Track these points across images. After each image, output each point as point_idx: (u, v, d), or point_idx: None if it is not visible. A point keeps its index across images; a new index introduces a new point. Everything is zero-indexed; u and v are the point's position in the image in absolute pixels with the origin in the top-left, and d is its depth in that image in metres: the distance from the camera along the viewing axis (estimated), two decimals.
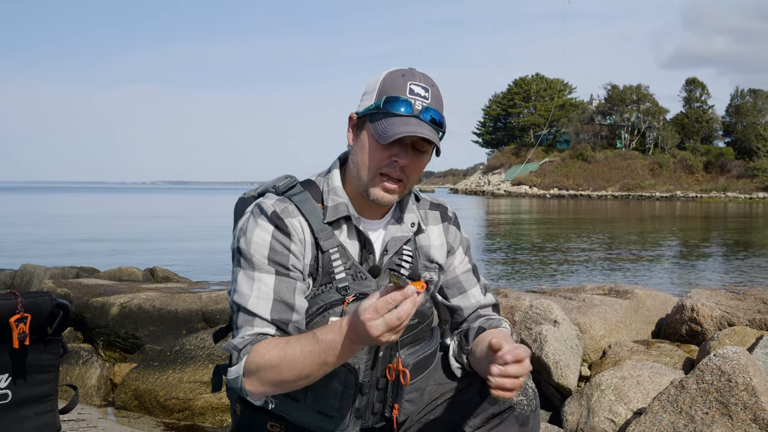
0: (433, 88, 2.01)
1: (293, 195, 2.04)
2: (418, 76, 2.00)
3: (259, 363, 1.84)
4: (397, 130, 1.92)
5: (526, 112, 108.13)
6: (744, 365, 3.24)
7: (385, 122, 1.94)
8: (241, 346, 1.89)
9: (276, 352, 1.82)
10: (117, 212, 47.53)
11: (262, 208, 2.00)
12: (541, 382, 4.23)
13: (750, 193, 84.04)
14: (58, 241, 21.61)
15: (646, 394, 3.70)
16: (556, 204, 66.06)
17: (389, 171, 1.98)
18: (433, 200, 2.28)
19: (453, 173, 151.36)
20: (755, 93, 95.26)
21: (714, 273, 15.15)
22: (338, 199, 2.05)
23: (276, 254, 1.96)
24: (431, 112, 1.97)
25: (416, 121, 1.94)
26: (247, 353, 1.87)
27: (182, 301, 5.53)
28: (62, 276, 8.64)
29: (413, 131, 1.91)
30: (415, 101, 1.96)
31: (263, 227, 1.97)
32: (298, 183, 2.09)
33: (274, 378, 1.84)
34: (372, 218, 2.10)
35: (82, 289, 6.02)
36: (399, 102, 1.95)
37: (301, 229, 2.00)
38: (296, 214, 2.01)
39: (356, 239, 2.06)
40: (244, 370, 1.87)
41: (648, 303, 5.43)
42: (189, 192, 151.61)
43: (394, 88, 1.97)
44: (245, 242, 1.97)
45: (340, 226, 2.05)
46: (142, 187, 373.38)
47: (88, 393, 4.65)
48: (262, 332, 1.91)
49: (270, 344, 1.86)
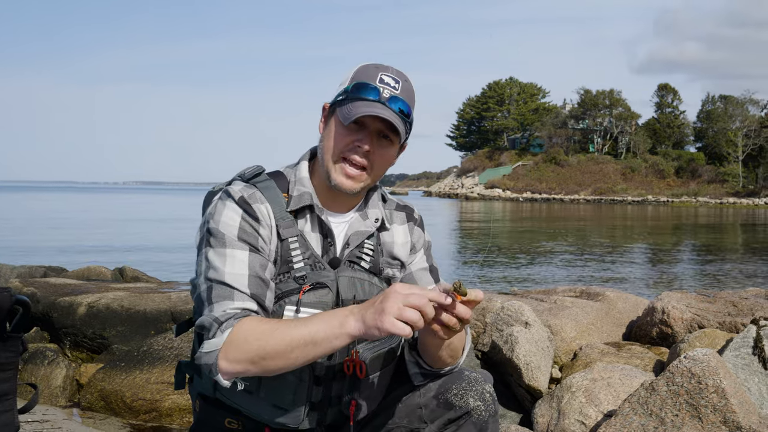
0: (404, 83, 2.02)
1: (258, 182, 2.03)
2: (392, 69, 2.02)
3: (247, 336, 1.79)
4: (359, 110, 1.93)
5: (500, 116, 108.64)
6: (714, 367, 3.24)
7: (350, 105, 1.95)
8: (224, 318, 1.84)
9: (266, 327, 1.79)
10: (87, 212, 47.05)
11: (229, 193, 1.99)
12: (511, 384, 4.22)
13: (720, 198, 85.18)
14: (25, 241, 21.35)
15: (617, 396, 3.70)
16: (528, 207, 66.40)
17: (352, 155, 1.98)
18: (400, 202, 2.28)
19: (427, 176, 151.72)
20: (726, 99, 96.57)
21: (684, 276, 15.30)
22: (303, 189, 2.05)
23: (245, 234, 1.94)
24: (399, 103, 1.98)
25: (382, 107, 1.95)
26: (230, 327, 1.82)
27: (151, 300, 5.45)
28: (29, 275, 8.50)
29: (376, 112, 1.92)
30: (384, 89, 1.97)
31: (232, 208, 1.96)
32: (264, 172, 2.09)
33: (257, 352, 1.78)
34: (337, 211, 2.10)
35: (49, 288, 5.91)
36: (367, 88, 1.96)
37: (268, 214, 1.99)
38: (263, 200, 2.00)
39: (318, 231, 2.05)
40: (224, 343, 1.81)
41: (619, 305, 5.44)
42: (162, 192, 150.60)
43: (365, 76, 1.99)
44: (215, 222, 1.95)
45: (304, 216, 2.04)
46: (114, 187, 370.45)
47: (54, 393, 4.57)
48: (246, 307, 1.87)
49: (257, 319, 1.83)
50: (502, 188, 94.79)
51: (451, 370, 2.09)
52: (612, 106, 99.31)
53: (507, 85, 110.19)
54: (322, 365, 1.97)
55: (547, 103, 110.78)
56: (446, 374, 2.08)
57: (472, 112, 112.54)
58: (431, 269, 2.25)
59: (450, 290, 1.73)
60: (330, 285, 1.98)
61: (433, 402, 2.05)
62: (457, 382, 2.05)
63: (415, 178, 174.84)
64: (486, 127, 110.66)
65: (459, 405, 2.01)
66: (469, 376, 2.07)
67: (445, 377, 2.08)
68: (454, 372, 2.09)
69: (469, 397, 2.02)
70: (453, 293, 1.74)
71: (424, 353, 2.04)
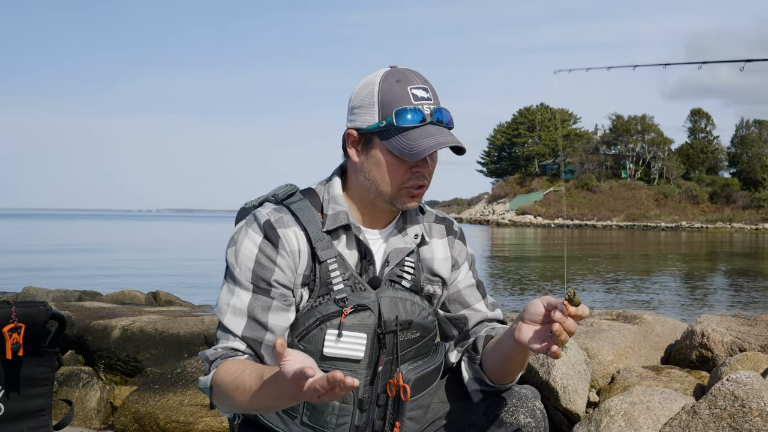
0: (428, 84, 1.95)
1: (292, 203, 1.97)
2: (412, 77, 1.93)
3: (218, 382, 1.81)
4: (422, 144, 1.85)
5: (531, 142, 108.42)
6: (758, 390, 3.16)
7: (402, 138, 1.87)
8: (213, 357, 1.87)
9: (232, 379, 1.77)
10: (121, 239, 47.55)
11: (256, 217, 1.95)
12: (548, 407, 4.15)
13: (756, 224, 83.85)
14: (61, 266, 21.60)
15: (657, 420, 3.61)
16: (560, 233, 65.93)
17: (416, 182, 1.93)
18: (439, 214, 2.21)
19: (458, 202, 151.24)
20: (760, 124, 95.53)
21: (722, 300, 15.06)
22: (338, 207, 1.98)
23: (260, 268, 1.90)
24: (442, 113, 1.91)
25: (434, 129, 1.88)
26: (216, 367, 1.84)
27: (184, 324, 5.46)
28: (64, 299, 8.57)
29: (439, 142, 1.85)
30: (423, 106, 1.89)
31: (252, 238, 1.92)
32: (297, 191, 2.02)
33: (230, 404, 1.81)
34: (374, 227, 2.04)
35: (83, 311, 5.95)
36: (410, 113, 1.87)
37: (296, 239, 1.93)
38: (291, 223, 1.94)
39: (356, 249, 1.98)
40: (211, 382, 1.83)
41: (657, 329, 5.35)
42: (195, 220, 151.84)
43: (397, 98, 1.89)
44: (233, 253, 1.93)
45: (339, 235, 1.98)
46: (148, 214, 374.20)
47: (88, 416, 4.57)
48: (234, 347, 1.89)
49: (231, 367, 1.81)
50: (534, 214, 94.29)
51: (510, 386, 2.04)
52: (644, 131, 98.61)
53: (538, 111, 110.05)
54: (366, 388, 1.93)
55: (579, 129, 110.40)
56: (505, 390, 2.03)
57: (503, 138, 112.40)
58: (478, 285, 2.19)
59: (562, 302, 1.68)
60: (372, 307, 1.93)
61: (482, 419, 2.00)
62: (507, 399, 2.01)
63: (446, 205, 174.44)
64: (517, 153, 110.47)
65: (510, 422, 1.97)
66: (519, 393, 2.02)
67: (494, 395, 2.03)
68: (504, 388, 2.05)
69: (520, 414, 1.98)
70: (565, 304, 1.69)
71: (496, 370, 1.99)
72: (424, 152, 1.84)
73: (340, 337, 1.89)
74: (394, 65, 1.96)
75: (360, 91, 1.94)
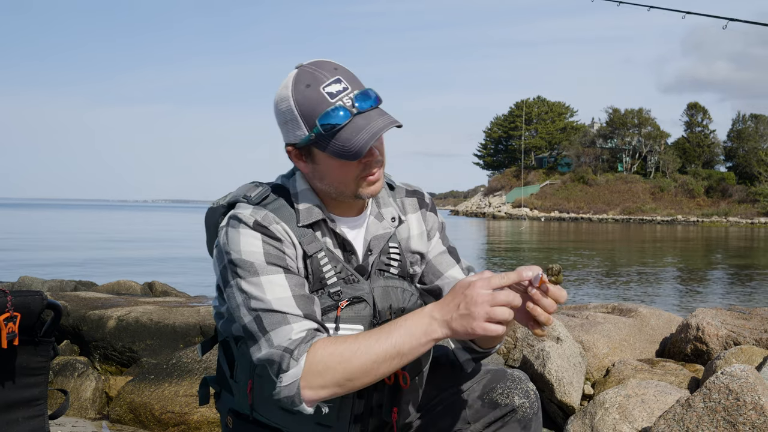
0: (339, 71, 1.85)
1: (268, 204, 1.92)
2: (320, 75, 1.83)
3: (326, 360, 1.71)
4: (358, 142, 1.79)
5: (528, 135, 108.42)
6: (752, 384, 3.17)
7: (337, 142, 1.80)
8: (293, 347, 1.73)
9: (345, 347, 1.71)
10: (117, 228, 47.49)
11: (240, 219, 1.86)
12: (543, 400, 4.16)
13: (751, 218, 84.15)
14: (57, 256, 21.58)
15: (651, 412, 3.63)
16: (556, 226, 66.03)
17: (369, 170, 1.88)
18: (407, 186, 2.16)
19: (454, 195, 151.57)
20: (757, 118, 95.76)
21: (717, 294, 15.10)
22: (309, 202, 1.94)
23: (273, 257, 1.83)
24: (362, 98, 1.83)
25: (363, 120, 1.81)
26: (303, 353, 1.72)
27: (180, 314, 5.46)
28: (60, 289, 8.58)
29: (372, 133, 1.79)
30: (343, 98, 1.81)
31: (249, 234, 1.84)
32: (270, 192, 1.96)
33: (342, 375, 1.70)
34: (348, 215, 2.00)
35: (79, 301, 5.95)
36: (332, 115, 1.79)
37: (286, 233, 1.88)
38: (277, 220, 1.88)
39: (335, 241, 1.95)
40: (303, 372, 1.71)
41: (652, 322, 5.36)
42: (190, 210, 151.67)
43: (314, 105, 1.80)
44: (236, 253, 1.83)
45: (316, 230, 1.93)
46: (144, 204, 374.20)
47: (83, 406, 4.57)
48: (308, 328, 1.76)
49: (330, 341, 1.74)
50: (530, 207, 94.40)
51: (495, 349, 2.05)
52: (641, 125, 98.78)
53: (534, 104, 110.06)
54: None
55: (575, 122, 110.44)
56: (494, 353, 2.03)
57: (500, 131, 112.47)
58: (450, 250, 2.16)
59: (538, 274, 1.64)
60: (366, 298, 1.91)
61: (477, 402, 2.01)
62: (501, 381, 2.02)
63: (442, 197, 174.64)
64: (513, 146, 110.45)
65: (504, 403, 1.98)
66: (512, 375, 2.04)
67: (489, 377, 2.04)
68: (497, 371, 2.06)
69: (514, 396, 1.99)
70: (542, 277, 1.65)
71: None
72: (363, 149, 1.79)
73: (338, 330, 1.88)
74: (299, 64, 1.88)
75: (279, 107, 1.87)
